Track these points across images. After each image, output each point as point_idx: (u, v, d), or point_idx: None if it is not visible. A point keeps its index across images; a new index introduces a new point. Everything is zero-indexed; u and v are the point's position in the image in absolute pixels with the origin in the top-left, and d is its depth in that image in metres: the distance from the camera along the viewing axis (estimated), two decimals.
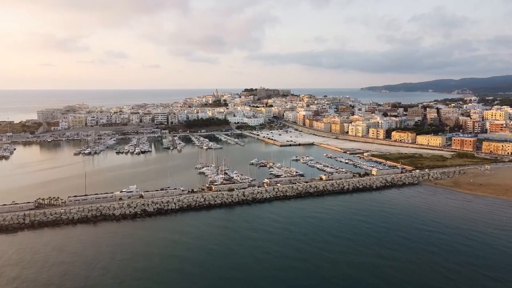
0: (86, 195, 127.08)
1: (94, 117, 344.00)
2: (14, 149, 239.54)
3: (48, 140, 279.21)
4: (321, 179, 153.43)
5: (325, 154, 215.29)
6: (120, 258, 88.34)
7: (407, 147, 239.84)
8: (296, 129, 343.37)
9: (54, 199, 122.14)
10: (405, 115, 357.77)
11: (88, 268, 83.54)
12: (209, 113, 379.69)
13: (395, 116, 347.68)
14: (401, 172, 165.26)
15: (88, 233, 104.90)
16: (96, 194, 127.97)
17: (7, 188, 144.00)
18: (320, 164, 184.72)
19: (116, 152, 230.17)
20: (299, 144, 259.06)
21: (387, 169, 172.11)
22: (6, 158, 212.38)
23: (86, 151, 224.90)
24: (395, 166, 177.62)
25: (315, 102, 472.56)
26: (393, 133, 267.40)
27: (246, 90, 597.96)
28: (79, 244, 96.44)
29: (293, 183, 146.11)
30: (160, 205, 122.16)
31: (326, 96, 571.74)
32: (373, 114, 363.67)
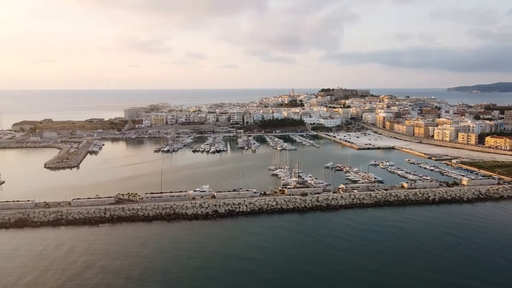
0: (161, 192, 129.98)
1: (174, 116, 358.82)
2: (103, 144, 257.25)
3: (132, 137, 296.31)
4: (402, 187, 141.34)
5: (407, 160, 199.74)
6: (197, 256, 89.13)
7: (504, 154, 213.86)
8: (375, 132, 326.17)
9: (133, 195, 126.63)
10: (501, 118, 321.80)
11: (167, 263, 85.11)
12: (284, 113, 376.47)
13: (489, 119, 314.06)
14: (498, 183, 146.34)
15: (164, 230, 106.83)
16: (171, 192, 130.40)
17: (94, 182, 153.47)
18: (402, 170, 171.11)
19: (192, 151, 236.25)
20: (378, 148, 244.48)
21: (481, 179, 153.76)
22: (96, 153, 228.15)
23: (165, 149, 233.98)
24: (490, 176, 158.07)
25: (396, 103, 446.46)
26: (488, 138, 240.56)
27: (322, 90, 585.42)
28: (158, 240, 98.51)
29: (371, 190, 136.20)
30: (231, 206, 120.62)
31: (408, 96, 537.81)
32: (462, 116, 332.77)
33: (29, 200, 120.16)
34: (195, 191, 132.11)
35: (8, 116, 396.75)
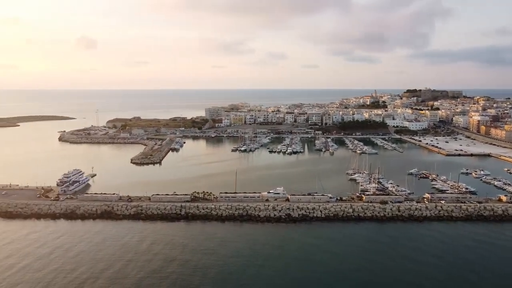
0: (235, 192, 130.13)
1: (252, 115, 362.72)
2: (184, 142, 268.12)
3: (212, 136, 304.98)
4: (500, 200, 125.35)
5: (506, 169, 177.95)
6: (272, 259, 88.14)
7: None
8: (468, 137, 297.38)
9: (208, 194, 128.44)
10: None
11: (243, 265, 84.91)
12: (365, 115, 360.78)
13: None
14: None
15: (238, 231, 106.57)
16: (244, 192, 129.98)
17: (173, 179, 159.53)
18: (499, 181, 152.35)
19: (269, 151, 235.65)
20: (471, 155, 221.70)
21: None
22: (177, 150, 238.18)
23: (242, 148, 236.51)
24: None
25: (494, 105, 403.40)
26: None
27: (408, 91, 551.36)
28: (233, 240, 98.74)
29: (462, 202, 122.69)
30: (305, 211, 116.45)
31: (509, 98, 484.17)
32: None
33: (114, 194, 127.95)
34: (269, 192, 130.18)
35: (104, 114, 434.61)
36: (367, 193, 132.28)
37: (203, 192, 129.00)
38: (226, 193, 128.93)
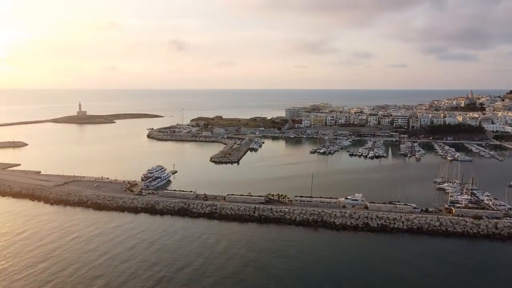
0: (311, 197, 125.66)
1: (333, 117, 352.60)
2: (263, 142, 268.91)
3: (291, 137, 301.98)
4: None
5: None
6: (351, 270, 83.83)
7: None
8: None
9: (282, 196, 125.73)
10: None
11: (324, 273, 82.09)
12: (458, 118, 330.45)
13: None
14: None
15: (315, 237, 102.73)
16: (320, 197, 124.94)
17: (249, 179, 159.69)
18: None
19: (349, 154, 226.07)
20: None
21: None
22: (255, 150, 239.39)
23: (321, 150, 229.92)
24: None
25: None
26: None
27: (511, 91, 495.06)
28: (311, 246, 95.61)
29: None
30: (385, 221, 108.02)
31: None
32: None
33: (191, 191, 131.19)
34: (346, 198, 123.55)
35: (188, 113, 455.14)
36: (457, 205, 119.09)
37: (278, 194, 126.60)
38: (301, 196, 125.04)
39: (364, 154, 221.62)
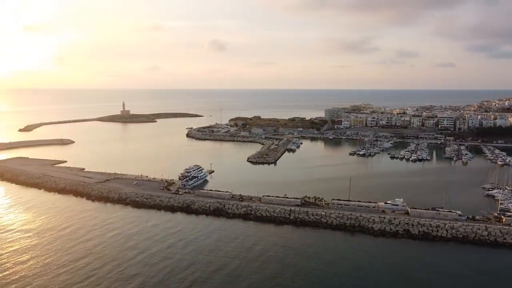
0: (348, 200, 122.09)
1: (374, 118, 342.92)
2: (301, 143, 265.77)
3: (330, 138, 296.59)
4: None
5: None
6: (398, 281, 79.70)
7: None
8: None
9: (319, 199, 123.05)
10: None
11: (364, 281, 79.33)
12: (511, 119, 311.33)
13: None
14: None
15: (351, 242, 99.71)
16: (358, 201, 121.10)
17: (285, 180, 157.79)
18: None
19: (390, 157, 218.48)
20: None
21: None
22: (293, 151, 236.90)
23: (361, 152, 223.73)
24: None
25: None
26: None
27: None
28: (355, 253, 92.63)
29: None
30: (427, 228, 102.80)
31: None
32: None
33: (227, 192, 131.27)
34: (386, 203, 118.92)
35: (227, 112, 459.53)
36: (508, 213, 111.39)
37: (314, 197, 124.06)
38: (338, 200, 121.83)
39: (406, 156, 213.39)
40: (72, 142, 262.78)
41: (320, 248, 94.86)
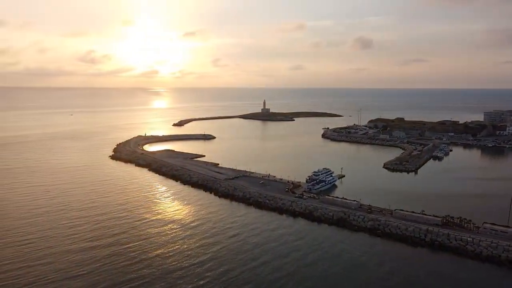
0: (507, 226, 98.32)
1: None
2: (450, 150, 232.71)
3: (489, 145, 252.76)
4: None
5: None
6: None
7: None
8: None
9: (466, 220, 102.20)
10: None
11: None
12: None
13: None
14: None
15: (497, 281, 79.45)
16: None
17: (425, 193, 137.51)
18: None
19: None
20: None
21: None
22: (440, 159, 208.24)
23: None
24: None
25: None
26: None
27: None
28: None
29: None
30: None
31: None
32: None
33: (354, 201, 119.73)
34: None
35: (367, 113, 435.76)
36: None
37: (460, 217, 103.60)
38: (492, 224, 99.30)
39: None
40: (213, 137, 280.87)
41: (462, 283, 77.26)
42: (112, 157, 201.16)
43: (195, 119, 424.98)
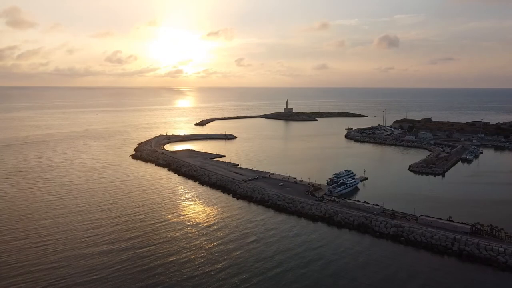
0: None
1: None
2: (481, 152, 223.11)
3: None
4: None
5: None
6: None
7: None
8: None
9: (497, 229, 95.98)
10: None
11: None
12: None
13: None
14: None
15: None
16: None
17: (453, 198, 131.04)
18: None
19: None
20: None
21: None
22: (469, 161, 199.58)
23: None
24: None
25: None
26: None
27: None
28: None
29: None
30: None
31: None
32: None
33: (377, 205, 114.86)
34: None
35: (392, 113, 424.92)
36: None
37: (490, 225, 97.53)
38: None
39: None
40: (235, 137, 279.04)
41: None
42: (133, 156, 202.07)
43: (217, 119, 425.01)
